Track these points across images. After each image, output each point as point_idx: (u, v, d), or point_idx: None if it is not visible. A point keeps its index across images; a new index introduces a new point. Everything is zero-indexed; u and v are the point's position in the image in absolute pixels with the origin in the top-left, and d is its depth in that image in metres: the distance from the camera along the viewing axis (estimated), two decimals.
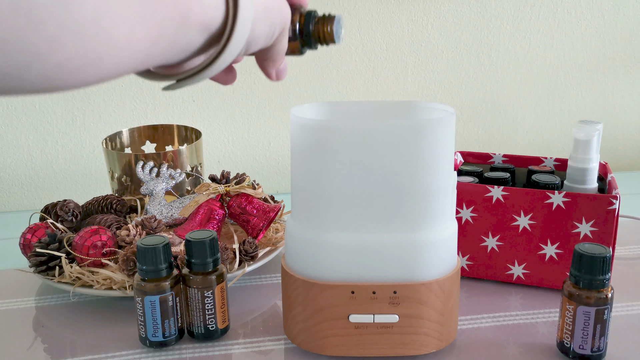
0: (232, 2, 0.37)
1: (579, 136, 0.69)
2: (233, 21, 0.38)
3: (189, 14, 0.35)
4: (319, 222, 0.55)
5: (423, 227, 0.54)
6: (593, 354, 0.57)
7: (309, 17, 0.50)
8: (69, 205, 0.80)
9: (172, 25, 0.34)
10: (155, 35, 0.32)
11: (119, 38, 0.30)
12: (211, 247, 0.60)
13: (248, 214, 0.76)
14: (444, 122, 0.52)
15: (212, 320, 0.61)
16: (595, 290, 0.55)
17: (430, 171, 0.53)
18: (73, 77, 0.29)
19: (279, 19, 0.43)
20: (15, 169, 1.08)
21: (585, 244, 0.56)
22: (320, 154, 0.53)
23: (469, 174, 0.75)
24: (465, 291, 0.71)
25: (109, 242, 0.70)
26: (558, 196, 0.66)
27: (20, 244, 0.74)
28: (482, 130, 1.18)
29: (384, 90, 1.13)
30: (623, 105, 1.19)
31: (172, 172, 0.83)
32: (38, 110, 1.05)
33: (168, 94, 1.08)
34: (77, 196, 1.09)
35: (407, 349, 0.57)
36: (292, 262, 0.58)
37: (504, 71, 1.14)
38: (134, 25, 0.31)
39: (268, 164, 1.15)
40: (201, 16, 0.36)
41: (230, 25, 0.38)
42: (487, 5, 1.10)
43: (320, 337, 0.57)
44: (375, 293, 0.55)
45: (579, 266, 0.55)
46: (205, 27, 0.37)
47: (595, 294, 0.55)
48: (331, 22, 0.50)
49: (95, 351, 0.61)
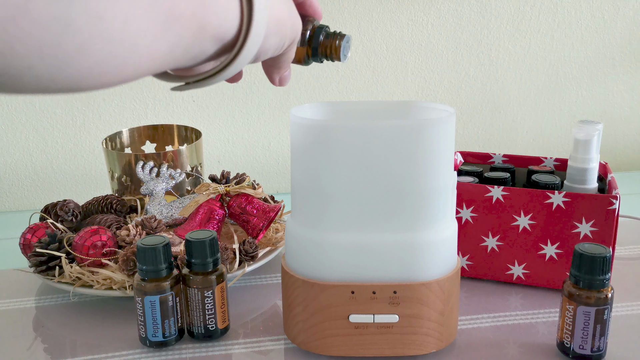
0: (247, 16, 0.39)
1: (579, 136, 0.69)
2: (246, 34, 0.39)
3: (206, 27, 0.36)
4: (319, 222, 0.55)
5: (423, 227, 0.54)
6: (593, 354, 0.57)
7: (319, 30, 0.51)
8: (69, 205, 0.80)
9: (189, 36, 0.35)
10: (172, 44, 0.35)
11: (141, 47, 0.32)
12: (211, 247, 0.60)
13: (248, 214, 0.76)
14: (444, 122, 0.52)
15: (212, 320, 0.61)
16: (595, 290, 0.55)
17: (430, 171, 0.53)
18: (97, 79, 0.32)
19: (290, 32, 0.45)
20: (15, 169, 1.08)
21: (585, 244, 0.56)
22: (320, 154, 0.53)
23: (469, 174, 0.75)
24: (465, 291, 0.71)
25: (109, 242, 0.70)
26: (558, 196, 0.66)
27: (20, 244, 0.74)
28: (482, 130, 1.18)
29: (384, 90, 1.13)
30: (623, 105, 1.19)
31: (172, 172, 0.83)
32: (38, 110, 1.05)
33: (168, 94, 1.08)
34: (77, 196, 1.09)
35: (407, 349, 0.57)
36: (292, 262, 0.58)
37: (504, 71, 1.14)
38: (155, 36, 0.33)
39: (268, 164, 1.15)
40: (217, 29, 0.37)
41: (243, 38, 0.39)
42: (487, 5, 1.10)
43: (320, 337, 0.57)
44: (375, 293, 0.55)
45: (579, 266, 0.55)
46: (219, 39, 0.38)
47: (595, 294, 0.55)
48: (340, 38, 0.51)
49: (95, 351, 0.61)
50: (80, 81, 0.31)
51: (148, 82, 1.06)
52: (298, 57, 0.52)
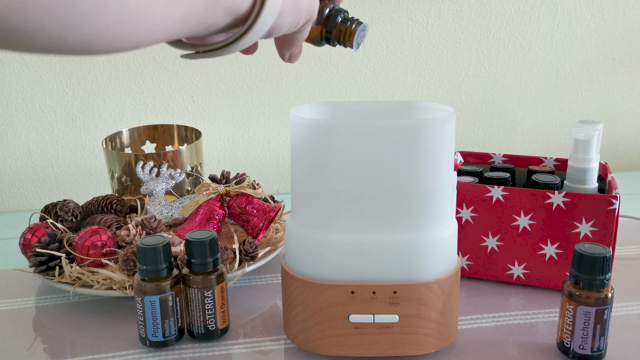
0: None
1: (579, 136, 0.69)
2: (259, 10, 0.39)
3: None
4: (319, 222, 0.55)
5: (423, 227, 0.54)
6: (593, 354, 0.57)
7: (337, 13, 0.50)
8: (69, 205, 0.80)
9: (201, 7, 0.36)
10: (185, 13, 0.35)
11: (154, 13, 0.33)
12: (211, 247, 0.60)
13: (248, 214, 0.76)
14: (444, 122, 0.52)
15: (212, 320, 0.61)
16: (595, 290, 0.55)
17: (430, 171, 0.53)
18: (109, 43, 0.33)
19: (306, 12, 0.45)
20: (15, 169, 1.08)
21: (585, 244, 0.56)
22: (320, 154, 0.53)
23: (469, 174, 0.75)
24: (465, 291, 0.71)
25: (109, 242, 0.70)
26: (558, 196, 0.66)
27: (20, 244, 0.74)
28: (482, 130, 1.18)
29: (384, 90, 1.13)
30: (623, 105, 1.19)
31: (172, 172, 0.83)
32: (38, 110, 1.05)
33: (168, 94, 1.08)
34: (77, 196, 1.09)
35: (407, 349, 0.57)
36: (292, 262, 0.58)
37: (504, 71, 1.14)
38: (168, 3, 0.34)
39: (268, 164, 1.15)
40: (230, 2, 0.38)
41: (256, 14, 0.40)
42: (487, 6, 1.10)
43: (320, 337, 0.57)
44: (375, 293, 0.55)
45: (579, 266, 0.55)
46: (232, 11, 0.39)
47: (595, 294, 0.55)
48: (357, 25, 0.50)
49: (95, 351, 0.61)
50: (93, 43, 0.32)
51: (148, 82, 1.06)
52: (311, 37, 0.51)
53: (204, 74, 1.08)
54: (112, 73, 1.05)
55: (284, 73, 1.09)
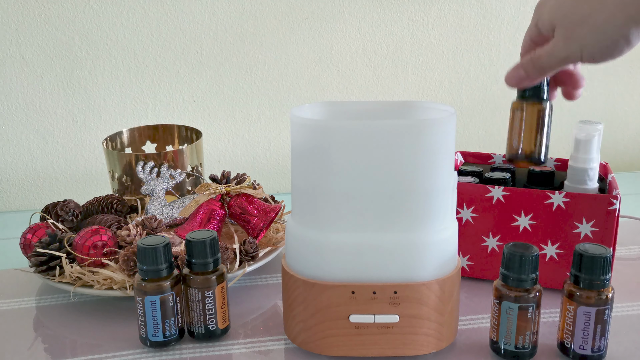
0: None
1: (580, 136, 0.69)
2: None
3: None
4: (319, 222, 0.55)
5: (423, 227, 0.54)
6: (593, 354, 0.57)
7: None
8: (70, 205, 0.80)
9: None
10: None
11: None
12: (211, 247, 0.60)
13: (248, 214, 0.76)
14: (444, 122, 0.52)
15: (212, 320, 0.61)
16: (596, 291, 0.55)
17: (430, 171, 0.53)
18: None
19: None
20: (15, 169, 1.08)
21: (586, 244, 0.56)
22: (320, 154, 0.53)
23: (469, 174, 0.75)
24: (465, 291, 0.71)
25: (110, 242, 0.70)
26: (558, 196, 0.66)
27: (21, 244, 0.74)
28: (482, 130, 1.18)
29: (384, 90, 1.13)
30: (623, 105, 1.19)
31: (173, 172, 0.84)
32: (38, 110, 1.05)
33: (168, 94, 1.08)
34: (78, 196, 1.09)
35: (407, 349, 0.57)
36: (292, 262, 0.58)
37: (504, 71, 1.14)
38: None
39: (268, 164, 1.15)
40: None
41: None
42: (488, 6, 1.10)
43: (320, 337, 0.57)
44: (375, 293, 0.55)
45: (579, 266, 0.55)
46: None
47: (596, 294, 0.55)
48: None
49: (96, 351, 0.61)
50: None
51: (148, 82, 1.06)
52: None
53: (204, 74, 1.08)
54: (113, 73, 1.05)
55: (284, 73, 1.09)
